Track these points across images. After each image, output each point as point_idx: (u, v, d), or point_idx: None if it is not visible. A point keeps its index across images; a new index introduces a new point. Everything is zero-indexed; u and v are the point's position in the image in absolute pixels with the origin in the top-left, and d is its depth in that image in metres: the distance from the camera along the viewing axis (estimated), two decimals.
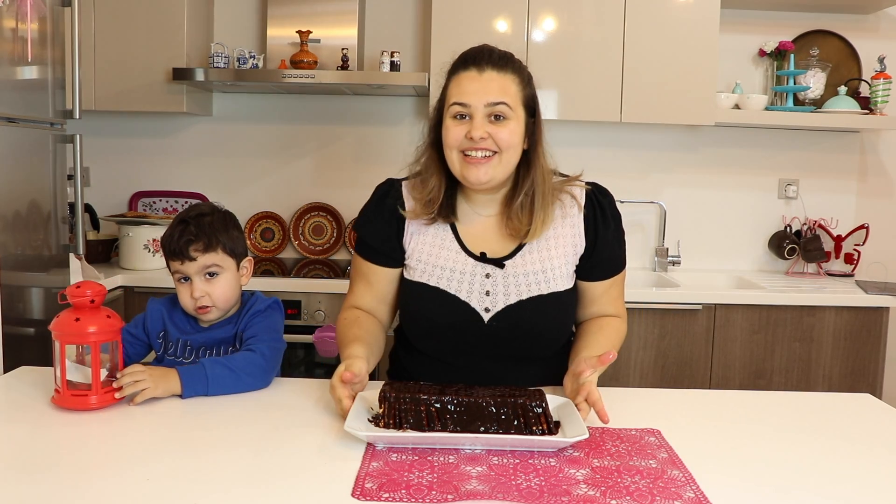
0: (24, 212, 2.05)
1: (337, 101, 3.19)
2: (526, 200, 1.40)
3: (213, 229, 1.46)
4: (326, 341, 2.63)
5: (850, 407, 1.41)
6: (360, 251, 1.51)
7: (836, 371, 2.72)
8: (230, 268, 1.48)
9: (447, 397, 1.15)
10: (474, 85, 1.35)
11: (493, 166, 1.36)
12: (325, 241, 3.23)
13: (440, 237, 1.45)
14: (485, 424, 1.14)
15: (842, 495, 1.00)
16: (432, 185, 1.42)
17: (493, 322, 1.42)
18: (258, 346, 1.39)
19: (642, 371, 2.70)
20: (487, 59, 1.37)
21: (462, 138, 1.35)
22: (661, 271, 3.14)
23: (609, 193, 1.51)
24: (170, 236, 1.46)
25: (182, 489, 0.96)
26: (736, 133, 3.20)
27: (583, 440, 1.11)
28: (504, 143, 1.35)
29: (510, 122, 1.36)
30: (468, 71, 1.37)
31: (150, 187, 3.24)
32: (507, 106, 1.35)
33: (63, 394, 1.24)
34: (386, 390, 1.17)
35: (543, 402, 1.16)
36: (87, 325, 1.23)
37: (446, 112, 1.38)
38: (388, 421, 1.15)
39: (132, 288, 2.69)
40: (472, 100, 1.35)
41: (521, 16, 2.82)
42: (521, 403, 1.15)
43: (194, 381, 1.31)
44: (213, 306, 1.46)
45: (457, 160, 1.37)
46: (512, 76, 1.38)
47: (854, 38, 3.14)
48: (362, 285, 1.51)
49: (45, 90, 2.14)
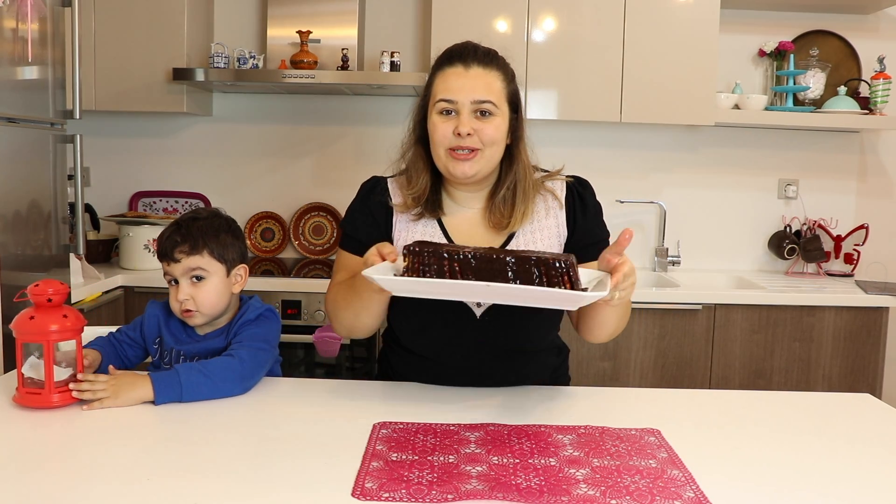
0: (25, 212, 2.05)
1: (337, 101, 3.19)
2: (508, 194, 1.43)
3: (202, 233, 1.45)
4: (326, 341, 2.63)
5: (850, 407, 1.41)
6: (347, 246, 1.50)
7: (836, 371, 2.73)
8: (217, 273, 1.46)
9: (471, 252, 1.12)
10: (460, 81, 1.37)
11: (477, 161, 1.38)
12: (325, 241, 3.23)
13: (428, 233, 1.46)
14: (506, 279, 1.10)
15: (842, 495, 1.00)
16: (419, 180, 1.45)
17: (486, 317, 1.42)
18: (237, 352, 1.37)
19: (642, 371, 2.70)
20: (473, 56, 1.39)
21: (450, 135, 1.37)
22: (661, 271, 3.14)
23: (589, 185, 1.53)
24: (161, 236, 1.48)
25: (182, 489, 0.96)
26: (736, 133, 3.20)
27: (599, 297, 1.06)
28: (488, 139, 1.37)
29: (495, 119, 1.38)
30: (454, 67, 1.39)
31: (150, 187, 3.24)
32: (492, 103, 1.37)
33: (20, 391, 1.25)
34: (411, 245, 1.15)
35: (569, 261, 1.09)
36: (43, 323, 1.23)
37: (432, 108, 1.40)
38: (411, 274, 1.12)
39: (132, 288, 2.70)
40: (458, 96, 1.37)
41: (521, 16, 2.82)
42: (544, 260, 1.09)
43: (167, 387, 1.28)
44: (197, 311, 1.44)
45: (443, 155, 1.39)
46: (497, 73, 1.40)
47: (854, 39, 3.14)
48: (348, 276, 1.49)
49: (45, 90, 2.14)
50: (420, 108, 1.45)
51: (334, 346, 2.62)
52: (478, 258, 1.11)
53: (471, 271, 1.11)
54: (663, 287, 2.91)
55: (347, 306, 1.40)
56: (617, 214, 3.12)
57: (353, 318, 1.41)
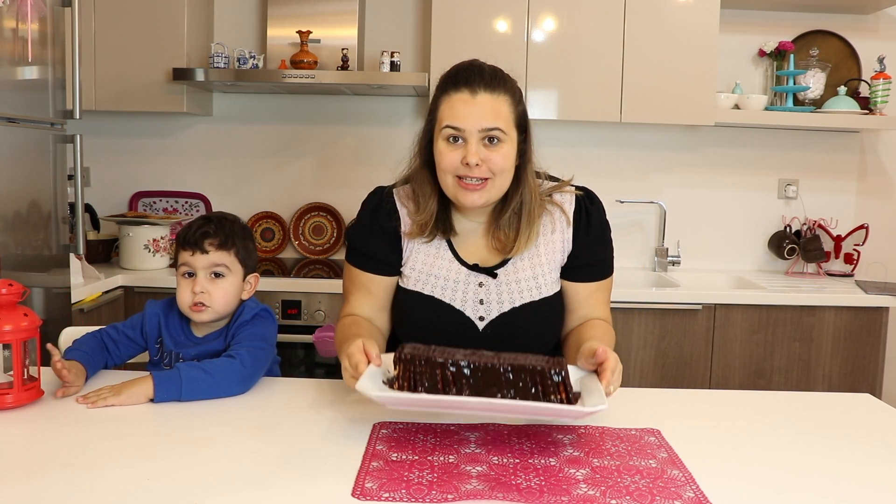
0: (25, 212, 2.05)
1: (337, 101, 3.19)
2: (514, 217, 1.42)
3: (233, 231, 1.48)
4: (326, 341, 2.63)
5: (849, 407, 1.41)
6: (356, 262, 1.49)
7: (836, 371, 2.73)
8: (237, 274, 1.48)
9: (464, 361, 1.10)
10: (467, 108, 1.34)
11: (487, 191, 1.36)
12: (326, 241, 3.23)
13: (434, 246, 1.46)
14: (501, 391, 1.09)
15: (842, 495, 1.00)
16: (427, 205, 1.42)
17: (488, 330, 1.43)
18: (238, 352, 1.37)
19: (642, 371, 2.70)
20: (479, 80, 1.35)
21: (457, 163, 1.34)
22: (660, 271, 3.14)
23: (598, 200, 1.51)
24: (188, 227, 1.47)
25: (182, 489, 0.96)
26: (736, 133, 3.21)
27: (599, 410, 1.05)
28: (498, 168, 1.35)
29: (504, 146, 1.35)
30: (460, 93, 1.35)
31: (150, 187, 3.24)
32: (500, 130, 1.34)
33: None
34: (401, 352, 1.13)
35: (563, 371, 1.10)
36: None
37: (438, 134, 1.37)
38: (403, 384, 1.11)
39: (132, 288, 2.70)
40: (465, 125, 1.34)
41: (521, 16, 2.82)
42: (539, 370, 1.09)
43: (168, 385, 1.28)
44: (210, 307, 1.45)
45: (451, 184, 1.37)
46: (504, 97, 1.36)
47: (854, 39, 3.14)
48: (361, 295, 1.49)
49: (45, 90, 2.14)
50: (426, 132, 1.42)
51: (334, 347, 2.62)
52: (472, 368, 1.11)
53: (465, 380, 1.11)
54: (663, 287, 2.91)
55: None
56: (617, 214, 3.12)
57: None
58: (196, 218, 1.51)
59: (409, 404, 1.08)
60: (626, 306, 2.64)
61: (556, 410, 1.07)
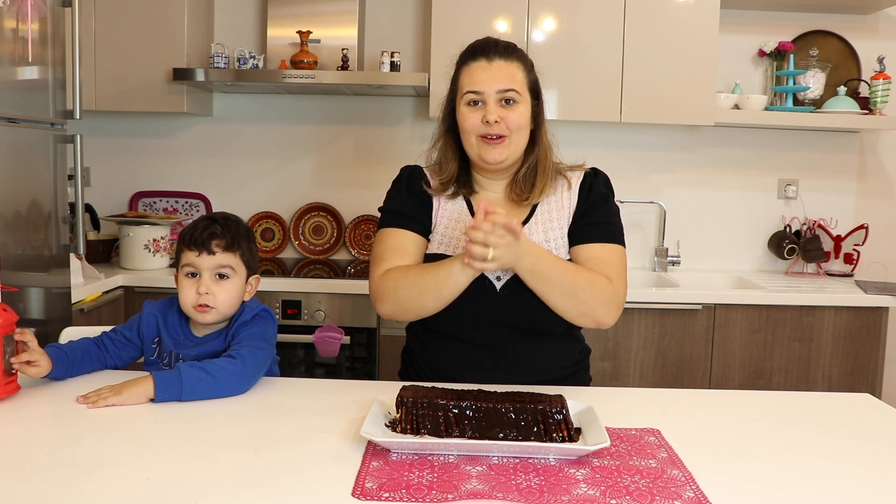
0: (25, 212, 2.05)
1: (337, 102, 3.19)
2: (530, 172, 1.55)
3: (238, 233, 1.48)
4: (326, 341, 2.63)
5: (849, 407, 1.41)
6: (391, 222, 1.56)
7: (836, 371, 2.73)
8: (241, 276, 1.48)
9: (465, 402, 1.14)
10: (485, 73, 1.48)
11: (506, 147, 1.49)
12: (326, 240, 3.23)
13: (457, 211, 1.56)
14: (504, 431, 1.12)
15: (842, 495, 1.00)
16: (449, 167, 1.56)
17: (505, 290, 1.47)
18: (239, 352, 1.37)
19: (642, 371, 2.70)
20: (494, 49, 1.50)
21: (479, 123, 1.47)
22: (660, 271, 3.14)
23: (603, 174, 1.63)
24: (193, 227, 1.47)
25: (182, 489, 0.96)
26: (735, 133, 3.21)
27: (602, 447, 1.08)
28: (514, 125, 1.48)
29: (519, 106, 1.49)
30: (478, 61, 1.50)
31: (150, 187, 3.24)
32: (515, 91, 1.48)
33: None
34: (403, 395, 1.16)
35: (564, 409, 1.14)
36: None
37: (460, 100, 1.51)
38: (406, 426, 1.14)
39: (132, 288, 2.70)
40: (484, 87, 1.47)
41: (521, 16, 2.82)
42: (540, 410, 1.13)
43: (168, 385, 1.28)
44: (214, 308, 1.45)
45: (475, 143, 1.50)
46: (518, 63, 1.51)
47: (853, 39, 3.14)
48: (396, 256, 1.52)
49: (45, 90, 2.14)
50: (448, 102, 1.56)
51: (334, 346, 2.63)
52: (474, 409, 1.13)
53: (467, 421, 1.13)
54: (663, 287, 2.91)
55: (428, 291, 1.42)
56: None
57: (434, 302, 1.43)
58: (199, 218, 1.50)
59: (415, 449, 1.10)
60: (625, 306, 2.62)
61: (559, 450, 1.09)
